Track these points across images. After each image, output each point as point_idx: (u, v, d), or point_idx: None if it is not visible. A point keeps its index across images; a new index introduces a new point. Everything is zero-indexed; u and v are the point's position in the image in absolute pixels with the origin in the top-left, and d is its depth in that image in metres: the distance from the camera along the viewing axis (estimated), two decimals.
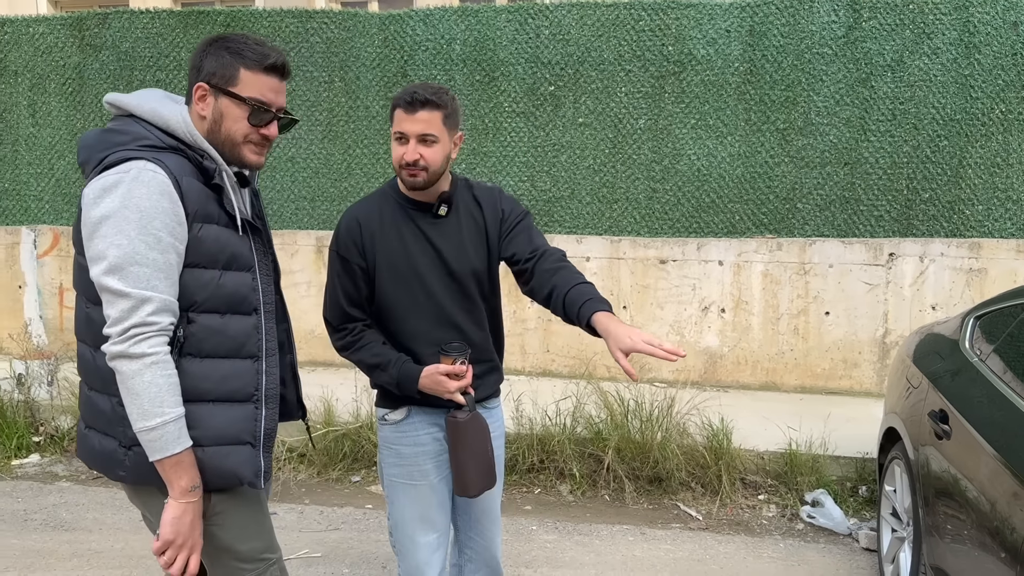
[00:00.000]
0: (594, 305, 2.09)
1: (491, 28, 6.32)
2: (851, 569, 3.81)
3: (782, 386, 6.01)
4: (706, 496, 4.54)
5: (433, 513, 2.42)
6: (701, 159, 6.20)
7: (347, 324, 2.37)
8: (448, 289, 2.34)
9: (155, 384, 1.76)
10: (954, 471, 2.78)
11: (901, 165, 6.02)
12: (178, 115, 1.88)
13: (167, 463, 1.79)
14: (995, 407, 2.71)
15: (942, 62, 5.91)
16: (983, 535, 2.45)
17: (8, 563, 3.80)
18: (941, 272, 5.81)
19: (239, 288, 1.92)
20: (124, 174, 1.76)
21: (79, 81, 6.88)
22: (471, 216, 2.38)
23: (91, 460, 1.96)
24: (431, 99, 2.21)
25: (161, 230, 1.76)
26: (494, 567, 2.60)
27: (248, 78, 1.88)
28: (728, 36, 6.09)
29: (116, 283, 1.73)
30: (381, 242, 2.32)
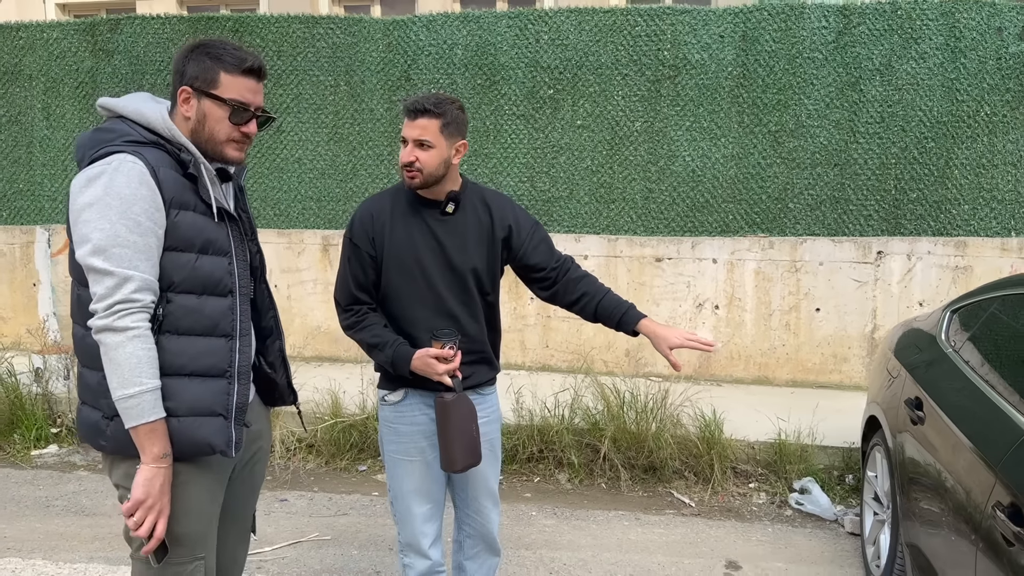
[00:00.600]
0: (634, 313, 2.59)
1: (492, 33, 6.51)
2: (836, 552, 4.00)
3: (774, 380, 6.21)
4: (698, 484, 4.73)
5: (428, 486, 2.63)
6: (696, 160, 6.39)
7: (353, 306, 2.58)
8: (448, 282, 2.54)
9: (135, 356, 1.88)
10: (926, 454, 2.98)
11: (889, 166, 6.21)
12: (157, 113, 2.02)
13: (141, 430, 1.91)
14: (963, 394, 2.90)
15: (929, 66, 6.09)
16: (950, 512, 2.64)
17: (34, 545, 4.00)
18: (928, 270, 6.00)
19: (214, 271, 2.04)
20: (107, 165, 1.90)
21: (92, 85, 7.07)
22: (477, 217, 2.59)
23: (82, 432, 2.09)
24: (430, 108, 2.43)
25: (141, 215, 1.90)
26: (490, 542, 2.79)
27: (228, 81, 2.03)
28: (722, 41, 6.28)
29: (100, 263, 1.87)
30: (390, 234, 2.53)
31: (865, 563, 3.75)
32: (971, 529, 2.42)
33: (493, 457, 2.75)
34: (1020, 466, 2.27)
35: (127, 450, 1.97)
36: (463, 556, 2.83)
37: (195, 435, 2.01)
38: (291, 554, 3.92)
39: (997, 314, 3.07)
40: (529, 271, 2.67)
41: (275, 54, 6.81)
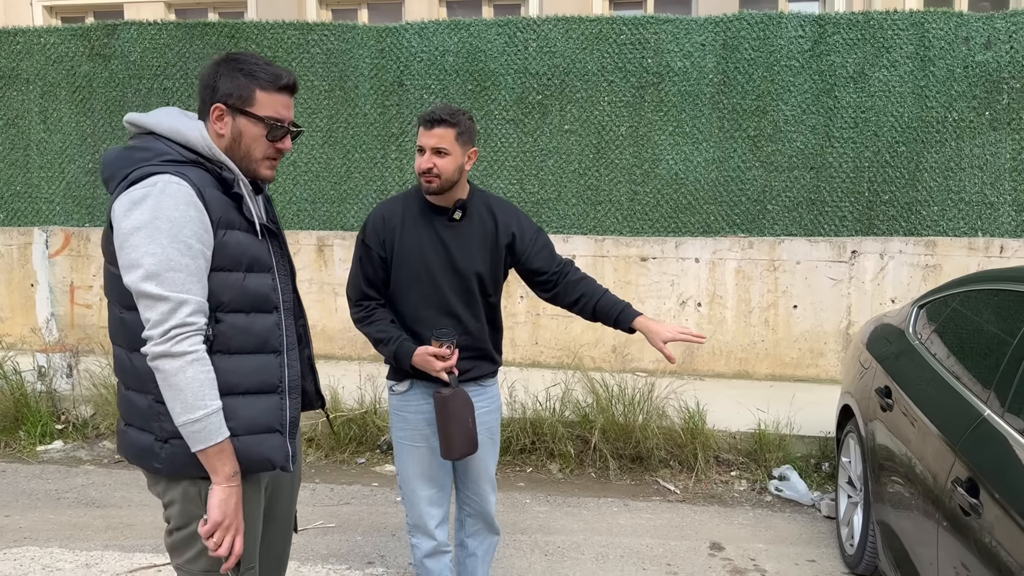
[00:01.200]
0: (630, 311, 2.80)
1: (482, 41, 6.72)
2: (813, 534, 4.25)
3: (754, 374, 6.47)
4: (683, 472, 4.97)
5: (433, 471, 2.83)
6: (678, 164, 6.64)
7: (363, 301, 2.79)
8: (452, 284, 2.74)
9: (196, 379, 1.86)
10: (894, 438, 3.23)
11: (863, 169, 6.48)
12: (196, 132, 1.98)
13: (211, 452, 1.89)
14: (928, 382, 3.16)
15: (900, 74, 6.38)
16: (915, 489, 2.89)
17: (49, 535, 4.17)
18: (900, 268, 6.29)
19: (260, 288, 2.04)
20: (151, 187, 1.86)
21: (89, 89, 7.21)
22: (483, 223, 2.78)
23: (129, 454, 2.06)
24: (446, 118, 2.62)
25: (191, 237, 1.87)
26: (489, 520, 3.01)
27: (263, 98, 2.01)
28: (703, 49, 6.53)
29: (154, 288, 1.82)
30: (400, 238, 2.72)
31: (840, 543, 4.01)
32: (934, 504, 2.67)
33: (492, 444, 2.95)
34: (977, 445, 2.52)
35: (183, 471, 1.96)
36: (464, 533, 3.03)
37: (256, 452, 2.02)
38: (298, 540, 4.10)
39: (959, 309, 3.33)
40: (532, 275, 2.88)
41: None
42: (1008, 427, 2.42)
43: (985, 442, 2.49)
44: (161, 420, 1.94)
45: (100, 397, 5.63)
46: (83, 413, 5.72)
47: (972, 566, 2.30)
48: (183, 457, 1.93)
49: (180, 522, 2.01)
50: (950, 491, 2.53)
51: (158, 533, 4.19)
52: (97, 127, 7.25)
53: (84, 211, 7.33)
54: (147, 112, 2.03)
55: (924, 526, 2.75)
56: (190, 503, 1.99)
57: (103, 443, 5.54)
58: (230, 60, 2.03)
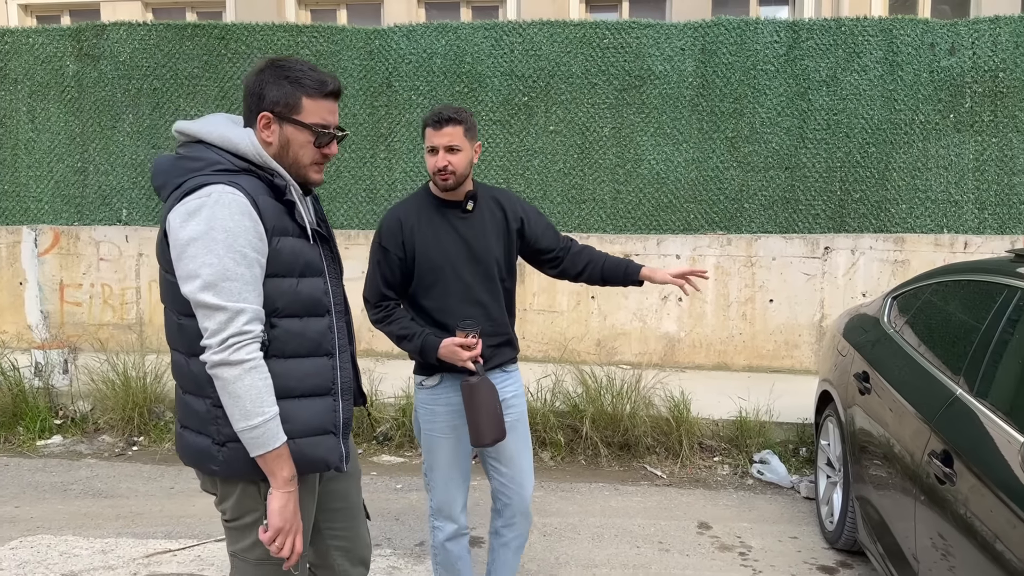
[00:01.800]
0: (634, 266, 3.04)
1: (469, 44, 6.91)
2: (794, 513, 4.51)
3: (732, 366, 6.74)
4: (669, 458, 5.21)
5: (459, 459, 2.96)
6: (660, 164, 6.88)
7: (382, 302, 2.91)
8: (474, 273, 2.86)
9: (255, 387, 1.90)
10: (873, 418, 3.49)
11: (835, 169, 6.77)
12: (247, 140, 2.00)
13: (269, 457, 1.93)
14: (903, 366, 3.42)
15: (870, 78, 6.67)
16: (893, 464, 3.15)
17: (61, 524, 4.29)
18: (870, 263, 6.59)
19: (313, 292, 2.07)
20: (206, 198, 1.89)
21: (78, 89, 7.28)
22: (492, 212, 2.95)
23: (186, 456, 2.10)
24: (454, 117, 2.76)
25: (246, 247, 1.90)
26: (523, 509, 3.07)
27: (310, 105, 2.02)
28: (683, 54, 6.77)
29: (212, 298, 1.86)
30: (419, 235, 2.85)
31: (820, 520, 4.26)
32: (911, 477, 2.92)
33: (524, 429, 3.05)
34: (950, 421, 2.77)
35: (241, 475, 2.02)
36: (500, 523, 3.11)
37: (312, 454, 2.06)
38: None
39: (930, 299, 3.60)
40: (540, 254, 3.07)
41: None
42: (978, 404, 2.68)
43: (958, 418, 2.74)
44: (218, 424, 1.98)
45: (98, 392, 5.74)
46: (81, 408, 5.82)
47: (947, 532, 2.54)
48: (240, 460, 1.98)
49: (235, 514, 2.08)
50: (926, 463, 2.77)
51: (169, 521, 4.34)
52: (86, 127, 7.31)
53: (73, 210, 7.40)
54: (194, 120, 2.07)
55: (902, 498, 3.00)
56: (247, 498, 2.05)
57: (102, 437, 5.65)
58: (275, 67, 2.03)
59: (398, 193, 7.09)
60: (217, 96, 7.16)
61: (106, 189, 7.34)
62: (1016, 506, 2.17)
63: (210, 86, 7.15)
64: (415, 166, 7.05)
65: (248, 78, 2.05)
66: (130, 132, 7.26)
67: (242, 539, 2.10)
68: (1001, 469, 2.34)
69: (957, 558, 2.46)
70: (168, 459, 5.31)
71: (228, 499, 2.08)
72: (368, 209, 7.11)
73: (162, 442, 5.55)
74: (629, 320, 6.81)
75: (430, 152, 2.80)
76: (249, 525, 2.07)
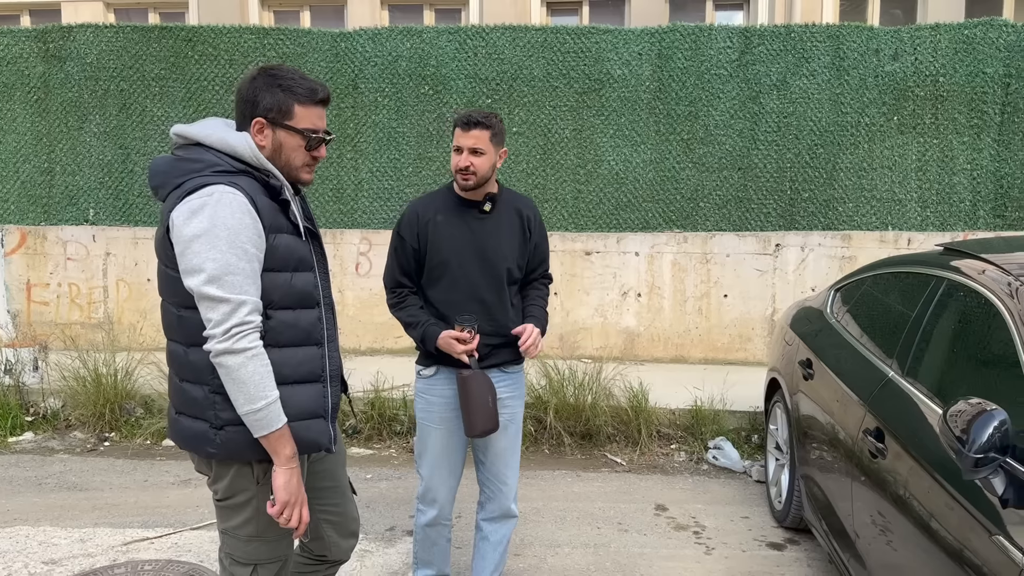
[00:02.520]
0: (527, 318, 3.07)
1: (433, 47, 7.08)
2: (746, 495, 4.76)
3: (689, 359, 7.00)
4: (628, 446, 5.44)
5: (449, 449, 3.07)
6: (619, 164, 7.12)
7: (397, 289, 3.05)
8: (481, 271, 2.95)
9: (257, 373, 2.03)
10: (814, 402, 3.74)
11: (785, 170, 7.07)
12: (244, 144, 2.12)
13: (272, 437, 2.07)
14: (842, 352, 3.68)
15: (818, 82, 6.97)
16: (833, 445, 3.40)
17: (38, 516, 4.38)
18: (819, 260, 6.90)
19: (305, 286, 2.20)
20: (208, 197, 2.01)
21: (44, 90, 7.31)
22: (511, 216, 3.04)
23: (181, 440, 2.22)
24: (482, 121, 2.88)
25: (246, 243, 2.02)
26: (505, 507, 3.21)
27: (301, 112, 2.16)
28: (640, 58, 7.02)
29: (216, 291, 1.99)
30: (433, 230, 2.95)
31: (769, 501, 4.52)
32: (849, 455, 3.17)
33: (514, 430, 3.15)
34: (883, 402, 3.02)
35: (237, 456, 2.14)
36: (482, 516, 3.25)
37: (305, 436, 2.19)
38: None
39: (869, 290, 3.87)
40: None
41: (227, 63, 7.20)
42: (907, 384, 2.93)
43: (889, 397, 3.00)
44: (216, 409, 2.10)
45: (69, 389, 5.81)
46: (52, 405, 5.88)
47: (882, 507, 2.79)
48: (236, 443, 2.11)
49: (228, 493, 2.19)
50: (862, 440, 3.02)
51: (144, 511, 4.45)
52: (52, 127, 7.35)
53: (39, 210, 7.43)
54: (191, 123, 2.18)
55: (842, 477, 3.25)
56: (240, 478, 2.18)
57: (74, 433, 5.73)
58: (268, 75, 2.16)
59: (364, 193, 7.24)
60: (184, 97, 7.24)
61: (73, 189, 7.38)
62: (937, 472, 2.42)
63: (177, 87, 7.24)
64: (381, 166, 7.21)
65: (241, 85, 2.18)
66: (97, 133, 7.31)
67: (234, 517, 2.22)
68: (924, 438, 2.59)
69: (891, 530, 2.71)
70: (140, 453, 5.41)
71: (222, 479, 2.19)
72: (335, 208, 7.26)
73: (134, 437, 5.65)
74: (591, 316, 7.04)
75: (456, 151, 2.90)
76: (241, 504, 2.19)
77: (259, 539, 2.23)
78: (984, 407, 2.16)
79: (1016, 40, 6.74)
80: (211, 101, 7.24)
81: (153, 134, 7.29)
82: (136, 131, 7.29)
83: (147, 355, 6.08)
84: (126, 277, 7.31)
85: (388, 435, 5.59)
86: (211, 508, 4.42)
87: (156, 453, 5.44)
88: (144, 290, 7.29)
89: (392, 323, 5.69)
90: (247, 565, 2.26)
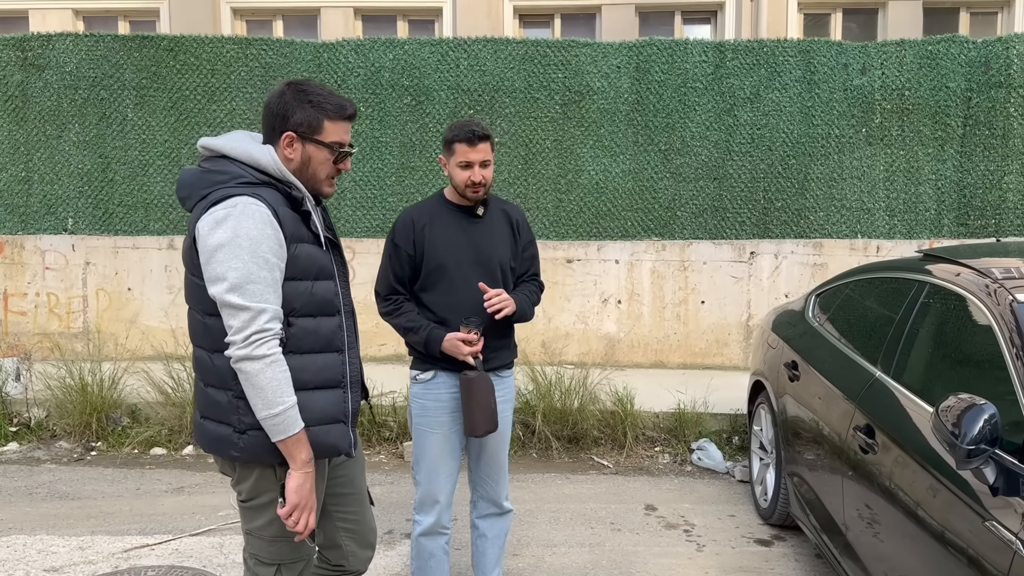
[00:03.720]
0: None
1: (416, 58, 7.18)
2: (731, 495, 4.92)
3: (668, 364, 7.17)
4: (614, 449, 5.57)
5: (446, 453, 3.09)
6: (599, 174, 7.27)
7: (392, 296, 3.09)
8: (478, 274, 3.00)
9: (275, 379, 2.09)
10: (801, 402, 3.91)
11: (759, 180, 7.28)
12: (267, 155, 2.20)
13: (289, 442, 2.12)
14: (827, 354, 3.85)
15: (790, 96, 7.20)
16: (822, 442, 3.56)
17: (33, 524, 4.38)
18: (792, 267, 7.12)
19: (326, 294, 2.26)
20: (232, 208, 2.08)
21: (22, 98, 7.26)
22: (501, 220, 3.15)
23: (206, 444, 2.27)
24: (486, 133, 2.97)
25: (268, 253, 2.09)
26: (499, 503, 3.29)
27: (330, 127, 2.25)
28: (619, 71, 7.19)
29: (237, 299, 2.06)
30: (429, 235, 3.00)
31: (754, 499, 4.68)
32: (838, 451, 3.33)
33: (506, 432, 3.21)
34: (871, 399, 3.19)
35: (259, 459, 2.20)
36: (476, 515, 3.31)
37: (325, 441, 2.25)
38: None
39: (850, 294, 4.05)
40: None
41: (209, 72, 7.23)
42: (894, 384, 3.10)
43: (877, 396, 3.16)
44: (240, 413, 2.16)
45: (55, 399, 5.78)
46: (37, 415, 5.85)
47: (871, 500, 2.94)
48: (258, 446, 2.17)
49: (251, 495, 2.26)
50: (851, 437, 3.18)
51: (141, 519, 4.47)
52: (30, 136, 7.31)
53: (17, 219, 7.37)
54: (218, 136, 2.26)
55: (831, 472, 3.41)
56: (263, 480, 2.24)
57: (59, 443, 5.71)
58: (298, 90, 2.24)
59: (347, 202, 7.30)
60: (166, 106, 7.25)
61: (52, 198, 7.34)
62: (929, 465, 2.58)
63: (159, 96, 7.24)
64: (364, 176, 7.28)
65: (270, 99, 2.26)
66: (76, 142, 7.28)
67: (258, 517, 2.28)
68: (914, 435, 2.76)
69: (882, 521, 2.86)
70: (129, 462, 5.42)
71: (245, 481, 2.26)
72: None
73: (121, 446, 5.64)
74: (572, 322, 7.17)
75: (464, 167, 2.96)
76: (265, 505, 2.25)
77: (283, 539, 2.28)
78: (974, 401, 2.31)
79: (977, 56, 7.04)
80: (193, 110, 7.26)
81: (134, 143, 7.28)
82: (116, 140, 7.28)
83: (132, 364, 6.07)
84: (106, 286, 7.28)
85: (378, 441, 5.66)
86: (207, 515, 4.50)
87: (145, 462, 5.44)
88: (125, 299, 7.27)
89: (376, 331, 5.78)
90: (271, 565, 2.31)
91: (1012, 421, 2.40)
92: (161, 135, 7.28)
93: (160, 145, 7.29)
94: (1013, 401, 2.44)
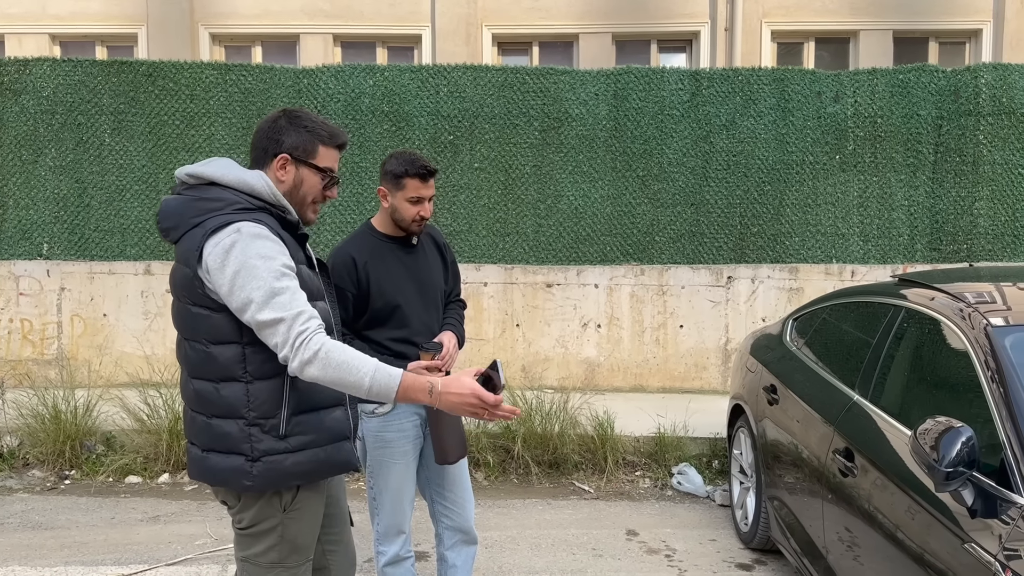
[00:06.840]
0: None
1: (396, 84, 7.22)
2: (711, 519, 4.93)
3: (648, 388, 7.20)
4: (595, 474, 5.57)
5: (408, 482, 3.11)
6: (578, 199, 7.32)
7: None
8: (424, 301, 3.13)
9: (343, 362, 2.05)
10: (780, 426, 3.94)
11: (735, 206, 7.36)
12: (262, 183, 2.22)
13: (401, 392, 2.08)
14: (806, 378, 3.89)
15: (765, 123, 7.31)
16: (801, 465, 3.58)
17: (5, 556, 4.29)
18: (768, 291, 7.19)
19: (322, 314, 2.23)
20: (236, 234, 2.09)
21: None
22: (431, 246, 3.25)
23: (211, 478, 2.22)
24: (435, 170, 3.05)
25: (281, 267, 2.11)
26: (467, 530, 3.22)
27: (324, 152, 2.29)
28: (597, 98, 7.27)
29: (269, 314, 2.05)
30: (373, 270, 3.04)
31: (735, 523, 4.69)
32: (817, 474, 3.36)
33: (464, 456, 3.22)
34: (849, 423, 3.22)
35: (274, 484, 2.18)
36: (443, 547, 3.24)
37: (338, 458, 2.28)
38: None
39: (827, 318, 4.10)
40: None
41: (188, 97, 7.22)
42: (872, 407, 3.14)
43: (856, 420, 3.20)
44: (252, 441, 2.14)
45: (27, 427, 5.69)
46: (9, 443, 5.76)
47: (850, 522, 2.97)
48: (272, 472, 2.15)
49: (253, 521, 2.22)
50: (831, 460, 3.21)
51: (116, 549, 4.40)
52: (5, 160, 7.23)
53: None
54: (200, 163, 2.24)
55: (811, 494, 3.43)
56: (268, 507, 2.21)
57: (32, 472, 5.61)
58: (292, 117, 2.30)
59: (327, 227, 7.30)
60: (144, 131, 7.22)
61: (27, 223, 7.27)
62: (909, 488, 2.61)
63: (137, 121, 7.22)
64: (343, 200, 7.29)
65: (263, 125, 2.31)
66: (52, 167, 7.23)
67: (256, 544, 2.25)
68: (893, 458, 2.79)
69: (860, 543, 2.89)
70: (103, 491, 5.33)
71: (249, 509, 2.23)
72: None
73: (96, 475, 5.56)
74: (552, 346, 7.19)
75: (414, 202, 3.00)
76: (266, 531, 2.23)
77: (280, 566, 2.26)
78: (951, 424, 2.35)
79: (947, 85, 7.20)
80: (172, 135, 7.24)
81: (111, 168, 7.24)
82: (94, 165, 7.24)
83: (107, 390, 6.00)
84: (81, 312, 7.20)
85: None
86: (184, 544, 4.44)
87: (120, 491, 5.36)
88: (100, 325, 7.19)
89: None
90: None
91: (988, 443, 2.43)
92: (139, 160, 7.25)
93: (138, 170, 7.25)
94: (989, 422, 2.48)
